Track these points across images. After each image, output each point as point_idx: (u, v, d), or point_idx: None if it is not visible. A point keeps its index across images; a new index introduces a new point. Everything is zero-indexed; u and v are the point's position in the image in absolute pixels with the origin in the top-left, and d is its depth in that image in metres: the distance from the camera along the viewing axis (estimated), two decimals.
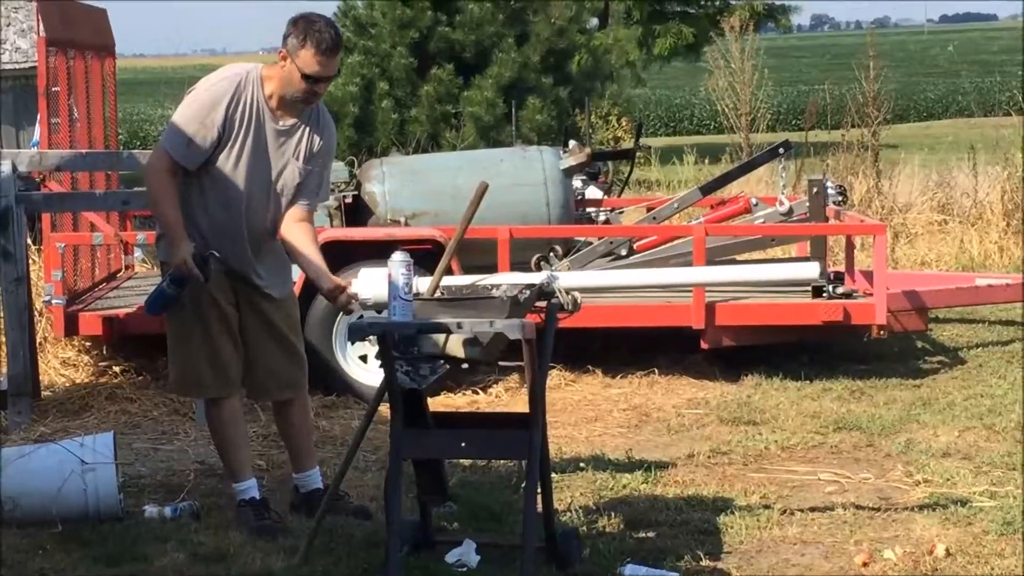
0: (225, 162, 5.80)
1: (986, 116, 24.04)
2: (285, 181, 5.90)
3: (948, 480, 6.63)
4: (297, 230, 5.92)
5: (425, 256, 7.30)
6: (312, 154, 5.93)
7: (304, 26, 5.74)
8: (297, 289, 6.60)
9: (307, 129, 5.92)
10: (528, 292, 5.25)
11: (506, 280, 5.54)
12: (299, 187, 5.93)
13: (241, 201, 5.85)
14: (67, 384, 8.81)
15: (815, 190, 9.42)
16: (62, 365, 9.05)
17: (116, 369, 8.93)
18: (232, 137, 5.78)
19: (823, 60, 69.87)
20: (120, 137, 12.32)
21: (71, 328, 8.75)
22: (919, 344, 9.92)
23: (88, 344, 9.22)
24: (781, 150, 9.89)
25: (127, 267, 10.34)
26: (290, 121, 5.89)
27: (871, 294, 8.90)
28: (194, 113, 5.79)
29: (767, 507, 6.24)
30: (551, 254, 9.11)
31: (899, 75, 36.52)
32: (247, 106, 5.81)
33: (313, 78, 5.74)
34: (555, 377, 8.76)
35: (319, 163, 5.97)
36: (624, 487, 6.58)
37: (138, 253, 10.99)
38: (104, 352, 9.11)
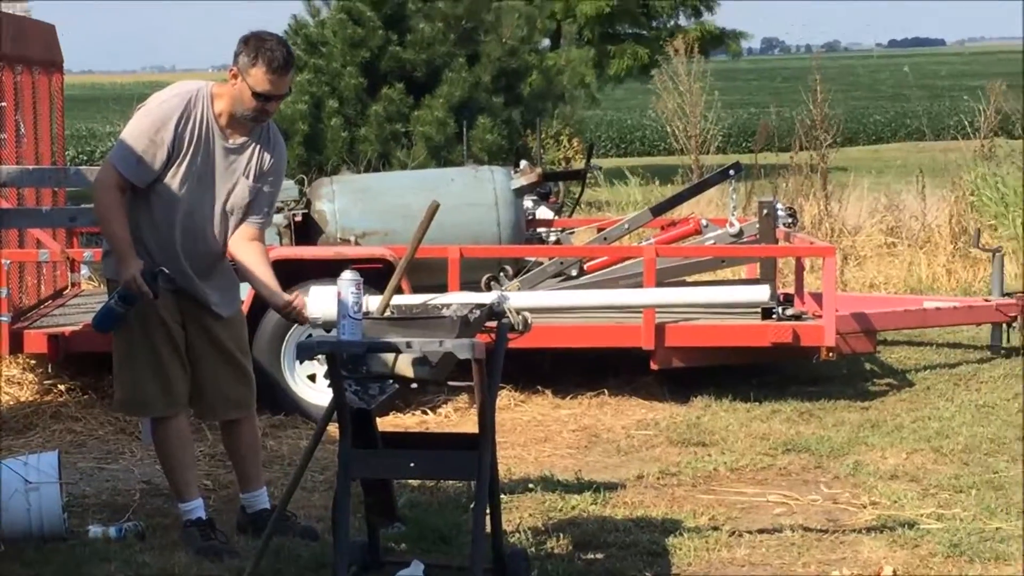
0: (174, 180, 5.76)
1: (935, 140, 24.22)
2: (235, 200, 5.87)
3: (896, 502, 6.66)
4: (248, 249, 5.88)
5: (375, 275, 7.27)
6: (262, 172, 5.90)
7: (255, 44, 5.72)
8: (245, 308, 6.56)
9: (257, 147, 5.89)
10: (478, 312, 5.23)
11: (456, 300, 5.52)
12: (249, 205, 5.90)
13: (189, 219, 5.81)
14: (11, 402, 8.72)
15: (765, 212, 9.45)
16: (6, 383, 8.95)
17: (61, 388, 8.85)
18: (181, 155, 5.74)
19: (773, 83, 70.29)
20: (67, 153, 12.25)
21: (16, 346, 8.66)
22: (867, 366, 9.96)
23: (33, 362, 9.14)
24: (731, 172, 9.92)
25: (73, 284, 10.26)
26: (240, 139, 5.85)
27: (820, 316, 8.93)
28: (144, 130, 5.74)
29: (716, 529, 6.24)
30: (501, 274, 9.11)
31: (848, 99, 36.80)
32: (197, 124, 5.77)
33: (264, 96, 5.72)
34: (505, 397, 8.75)
35: (269, 181, 5.94)
36: (573, 508, 6.56)
37: (85, 270, 10.91)
38: (49, 370, 9.03)
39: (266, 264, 5.88)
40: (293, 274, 8.12)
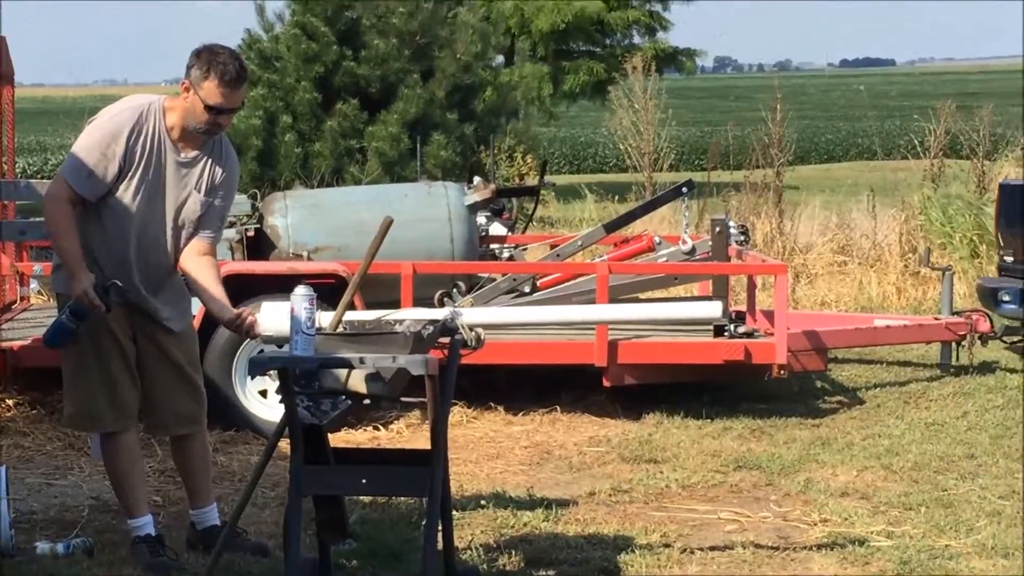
0: (125, 194, 5.73)
1: (885, 159, 24.37)
2: (187, 213, 5.84)
3: (846, 519, 6.68)
4: (199, 263, 5.85)
5: (328, 291, 7.23)
6: (214, 186, 5.88)
7: (208, 57, 5.70)
8: (196, 323, 6.53)
9: (209, 161, 5.86)
10: (431, 328, 5.22)
11: (409, 316, 5.52)
12: (200, 219, 5.87)
13: (142, 233, 5.77)
14: None
15: (718, 229, 9.49)
16: None
17: (9, 403, 8.76)
18: (133, 169, 5.71)
19: (726, 101, 70.61)
20: (18, 166, 12.14)
21: None
22: (818, 384, 10.00)
23: None
24: (684, 189, 9.95)
25: (23, 299, 10.17)
26: (192, 153, 5.83)
27: (772, 334, 8.96)
28: (95, 143, 5.71)
29: (667, 546, 6.24)
30: (454, 290, 9.10)
31: (801, 117, 36.96)
32: (148, 137, 5.74)
33: (216, 109, 5.70)
34: (457, 414, 8.73)
35: (220, 195, 5.92)
36: (525, 525, 6.56)
37: (34, 285, 10.82)
38: None
39: (216, 279, 5.85)
40: (245, 289, 8.09)
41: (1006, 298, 10.27)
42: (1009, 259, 10.60)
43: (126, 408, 5.88)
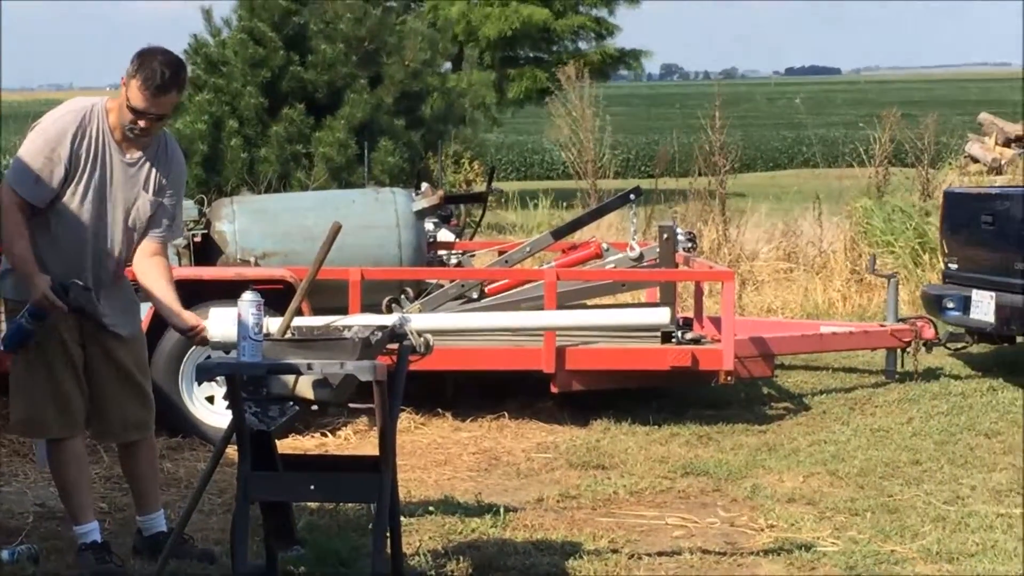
0: (73, 198, 5.69)
1: (830, 167, 24.51)
2: (137, 215, 5.81)
3: (793, 525, 6.71)
4: (150, 265, 5.83)
5: (276, 296, 7.21)
6: (162, 186, 5.85)
7: (141, 59, 5.64)
8: (144, 326, 6.49)
9: (155, 161, 5.83)
10: (380, 334, 5.22)
11: (357, 321, 5.51)
12: (151, 220, 5.84)
13: (93, 237, 5.74)
14: None
15: (665, 236, 9.52)
16: None
17: None
18: (79, 172, 5.67)
19: (672, 109, 70.81)
20: None
21: None
22: (765, 390, 10.05)
23: None
24: (632, 196, 9.98)
25: None
26: (137, 153, 5.79)
27: (719, 340, 9.00)
28: (39, 148, 5.67)
29: (615, 551, 6.26)
30: (403, 296, 9.08)
31: (747, 125, 37.14)
32: (93, 139, 5.70)
33: (138, 112, 5.65)
34: (405, 420, 8.72)
35: (169, 195, 5.88)
36: (473, 531, 6.55)
37: None
38: None
39: (168, 281, 5.82)
40: (193, 295, 8.04)
41: (950, 305, 10.36)
42: (953, 266, 10.69)
43: (73, 415, 5.84)
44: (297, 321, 5.47)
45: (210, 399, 8.48)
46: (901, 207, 15.26)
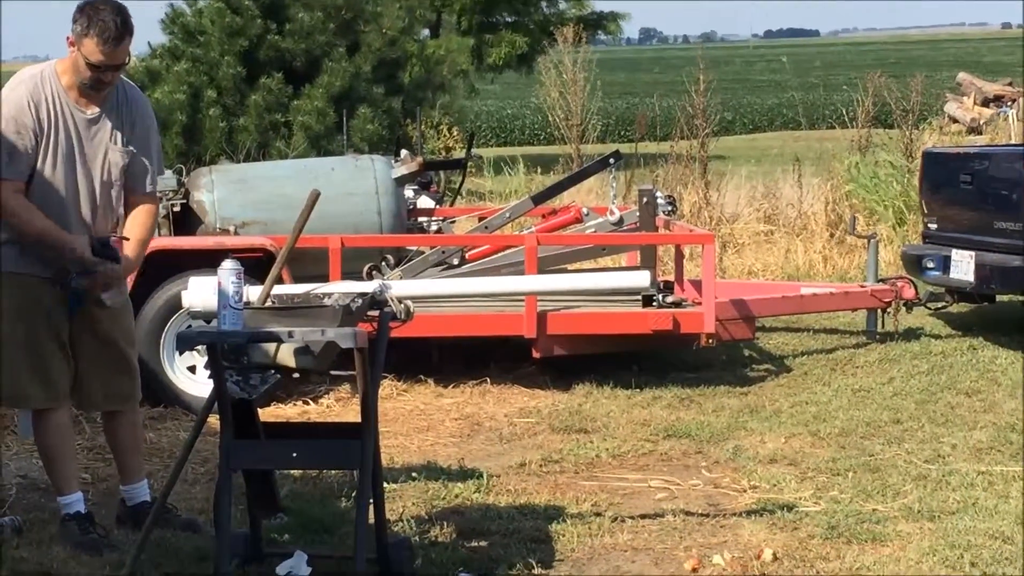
0: (44, 165, 5.66)
1: (811, 129, 24.52)
2: (110, 169, 5.79)
3: (775, 486, 6.74)
4: (133, 215, 5.87)
5: (256, 265, 7.22)
6: (132, 135, 5.83)
7: (89, 13, 5.59)
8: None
9: (117, 111, 5.80)
10: (360, 301, 5.21)
11: (338, 289, 5.50)
12: (127, 171, 5.82)
13: (71, 201, 5.72)
14: None
15: (645, 200, 9.52)
16: None
17: None
18: (45, 137, 5.64)
19: (652, 73, 70.74)
20: None
21: None
22: (746, 352, 10.07)
23: None
24: (611, 160, 9.97)
25: None
26: (95, 109, 5.75)
27: (700, 303, 9.02)
28: (4, 125, 5.62)
29: (598, 515, 6.27)
30: (383, 263, 9.07)
31: (726, 88, 37.10)
32: (50, 103, 5.67)
33: (98, 67, 5.63)
34: (387, 387, 8.73)
35: (141, 141, 5.87)
36: (456, 496, 6.57)
37: None
38: None
39: (143, 224, 5.87)
40: (172, 265, 8.04)
41: (930, 265, 10.38)
42: (933, 226, 10.71)
43: (57, 385, 5.83)
44: (277, 289, 5.46)
45: (191, 368, 8.48)
46: (891, 161, 15.29)
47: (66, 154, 5.69)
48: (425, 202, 10.46)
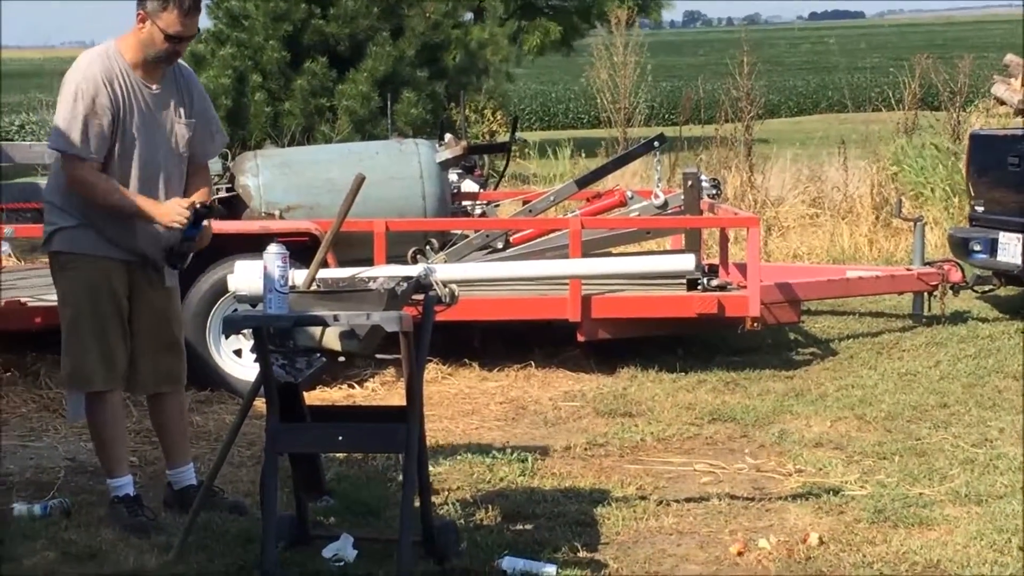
0: (123, 142, 5.72)
1: (856, 112, 24.37)
2: (177, 141, 5.90)
3: (821, 470, 6.72)
4: (193, 183, 6.00)
5: (301, 249, 7.23)
6: (192, 107, 5.94)
7: None
8: None
9: (176, 85, 5.92)
10: (405, 285, 5.22)
11: (383, 273, 5.51)
12: (192, 141, 5.93)
13: (147, 174, 5.82)
14: None
15: (690, 183, 9.48)
16: None
17: None
18: (122, 113, 5.72)
19: (696, 56, 70.44)
20: None
21: None
22: (792, 336, 10.04)
23: None
24: (656, 143, 9.95)
25: None
26: (156, 85, 5.85)
27: (745, 287, 8.99)
28: (81, 107, 5.66)
29: (643, 498, 6.27)
30: (427, 247, 9.08)
31: (770, 71, 36.93)
32: (121, 81, 5.75)
33: (176, 38, 5.72)
34: (432, 370, 8.74)
35: (201, 113, 5.99)
36: (501, 480, 6.58)
37: (5, 247, 10.77)
38: None
39: (204, 194, 5.98)
40: (218, 249, 8.06)
41: (977, 248, 10.32)
42: (980, 209, 10.64)
43: (116, 367, 5.89)
44: (323, 273, 5.48)
45: (238, 352, 8.51)
46: (936, 144, 15.20)
47: (141, 130, 5.78)
48: (469, 186, 10.46)
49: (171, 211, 5.73)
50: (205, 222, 5.86)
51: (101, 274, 5.79)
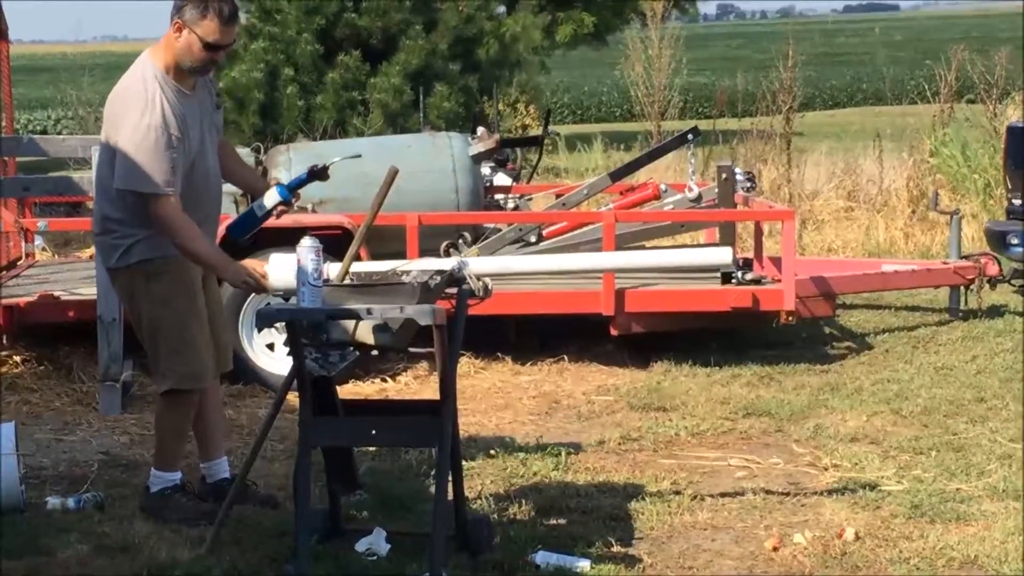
0: (187, 163, 5.69)
1: (892, 105, 24.27)
2: (214, 134, 5.93)
3: (856, 464, 6.67)
4: (230, 156, 6.09)
5: (334, 242, 7.20)
6: (215, 101, 5.99)
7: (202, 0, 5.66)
8: None
9: (202, 81, 5.90)
10: (438, 278, 5.20)
11: (416, 266, 5.50)
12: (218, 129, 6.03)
13: (213, 184, 5.86)
14: None
15: (724, 176, 9.44)
16: None
17: (17, 359, 8.75)
18: (186, 140, 5.69)
19: (730, 49, 70.27)
20: (27, 124, 12.14)
21: None
22: (827, 330, 9.98)
23: None
24: (690, 136, 9.90)
25: (28, 255, 10.16)
26: (190, 83, 5.80)
27: (779, 280, 8.94)
28: (160, 140, 5.55)
29: (677, 493, 6.24)
30: (460, 241, 9.06)
31: (805, 64, 36.77)
32: (170, 95, 5.69)
33: (215, 47, 5.68)
34: (465, 364, 8.72)
35: (219, 100, 6.07)
36: (535, 474, 6.55)
37: (39, 241, 10.81)
38: (4, 342, 8.93)
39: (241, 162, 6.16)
40: (251, 242, 8.04)
41: (1014, 241, 10.24)
42: (1017, 202, 10.56)
43: (213, 361, 5.94)
44: (356, 266, 5.47)
45: (270, 346, 8.51)
46: (973, 137, 15.11)
47: (199, 133, 5.78)
48: (502, 179, 10.45)
49: (241, 273, 5.68)
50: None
51: (189, 273, 5.79)
